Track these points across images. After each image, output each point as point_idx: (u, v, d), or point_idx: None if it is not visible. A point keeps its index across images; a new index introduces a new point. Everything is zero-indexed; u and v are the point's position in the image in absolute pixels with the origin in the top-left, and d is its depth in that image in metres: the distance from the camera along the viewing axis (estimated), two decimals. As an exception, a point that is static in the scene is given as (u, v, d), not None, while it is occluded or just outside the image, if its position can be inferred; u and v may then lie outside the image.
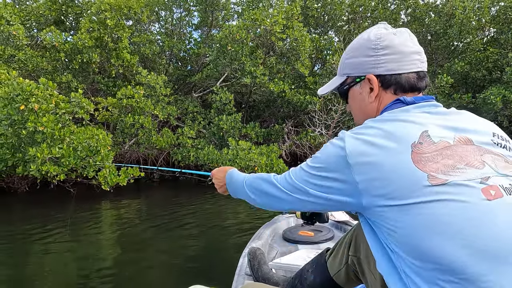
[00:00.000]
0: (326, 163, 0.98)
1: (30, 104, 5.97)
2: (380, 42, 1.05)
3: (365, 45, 1.08)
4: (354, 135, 0.96)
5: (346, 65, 1.15)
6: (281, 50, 10.27)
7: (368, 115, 1.11)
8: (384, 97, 1.08)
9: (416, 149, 0.89)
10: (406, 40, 1.06)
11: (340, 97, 1.23)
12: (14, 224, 6.10)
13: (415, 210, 0.84)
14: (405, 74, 1.05)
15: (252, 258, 2.09)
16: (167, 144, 9.29)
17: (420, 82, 1.06)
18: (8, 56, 8.78)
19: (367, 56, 1.07)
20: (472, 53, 11.10)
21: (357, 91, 1.14)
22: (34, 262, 4.31)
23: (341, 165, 0.93)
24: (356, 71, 1.11)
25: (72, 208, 7.05)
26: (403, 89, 1.05)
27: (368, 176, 0.89)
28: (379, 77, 1.07)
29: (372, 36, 1.07)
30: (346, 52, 1.15)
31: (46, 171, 6.06)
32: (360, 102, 1.14)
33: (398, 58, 1.04)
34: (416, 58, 1.06)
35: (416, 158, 0.87)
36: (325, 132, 10.40)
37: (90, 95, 9.82)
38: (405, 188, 0.85)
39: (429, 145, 0.90)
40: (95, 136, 6.57)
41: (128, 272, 3.97)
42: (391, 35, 1.05)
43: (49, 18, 10.49)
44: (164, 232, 5.57)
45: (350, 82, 1.14)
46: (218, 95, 9.86)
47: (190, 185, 10.21)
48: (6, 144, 6.32)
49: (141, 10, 9.95)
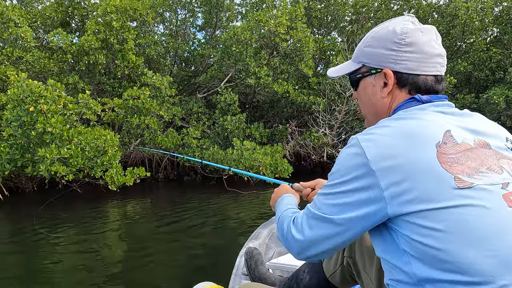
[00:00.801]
0: (346, 175, 0.90)
1: (39, 106, 6.08)
2: (406, 38, 0.99)
3: (389, 37, 1.01)
4: (371, 138, 0.90)
5: (363, 53, 1.08)
6: (284, 51, 10.35)
7: (377, 109, 1.08)
8: (397, 95, 1.03)
9: (441, 149, 0.85)
10: (431, 40, 1.00)
11: (350, 83, 1.16)
12: (22, 223, 6.21)
13: (443, 216, 0.80)
14: (423, 76, 1.00)
15: (248, 258, 2.09)
16: (172, 144, 9.38)
17: (438, 85, 1.02)
18: (16, 58, 8.90)
19: (388, 49, 1.01)
20: (475, 53, 11.14)
21: (369, 83, 1.08)
22: (44, 259, 4.41)
23: (364, 174, 0.86)
24: (374, 62, 1.05)
25: (80, 208, 7.16)
26: (419, 90, 1.00)
27: (394, 180, 0.83)
28: (396, 74, 1.01)
29: (398, 29, 1.00)
30: (367, 39, 1.07)
31: (55, 171, 6.17)
32: (371, 95, 1.08)
33: (420, 58, 0.99)
34: (438, 62, 1.01)
35: (442, 159, 0.84)
36: (328, 132, 10.47)
37: (96, 96, 9.92)
38: (433, 191, 0.81)
39: (453, 145, 0.87)
40: (102, 136, 6.67)
41: (133, 269, 4.06)
42: (418, 32, 0.99)
43: (55, 20, 10.62)
44: (169, 230, 5.65)
45: (365, 71, 1.08)
46: (222, 95, 9.94)
47: (195, 185, 10.30)
48: (15, 145, 6.43)
49: (146, 12, 10.06)
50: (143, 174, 7.52)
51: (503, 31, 11.06)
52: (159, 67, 11.48)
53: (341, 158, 0.95)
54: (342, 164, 0.93)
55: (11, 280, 3.81)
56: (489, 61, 10.88)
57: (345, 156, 0.93)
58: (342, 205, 0.91)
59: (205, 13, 11.52)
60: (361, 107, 1.15)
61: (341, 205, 0.91)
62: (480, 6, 10.61)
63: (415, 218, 0.82)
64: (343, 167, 0.92)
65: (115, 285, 3.69)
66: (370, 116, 1.11)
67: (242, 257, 2.24)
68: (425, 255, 0.82)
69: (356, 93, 1.14)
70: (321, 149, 10.85)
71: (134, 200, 8.05)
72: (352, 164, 0.90)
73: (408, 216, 0.83)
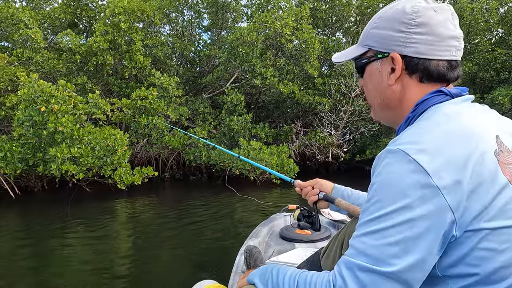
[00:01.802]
0: (403, 199, 0.73)
1: (50, 105, 6.19)
2: (416, 17, 0.87)
3: (397, 17, 0.90)
4: (423, 148, 0.75)
5: (369, 36, 0.96)
6: (290, 52, 10.43)
7: (384, 98, 0.97)
8: (408, 83, 0.92)
9: (500, 158, 0.76)
10: (446, 21, 0.88)
11: (356, 69, 1.05)
12: (34, 221, 6.32)
13: (503, 237, 0.73)
14: (435, 61, 0.89)
15: (248, 256, 2.08)
16: (179, 144, 9.48)
17: (451, 72, 0.90)
18: (26, 59, 9.04)
19: (397, 30, 0.90)
20: (480, 54, 11.17)
21: (376, 68, 0.96)
22: (55, 255, 4.51)
23: (427, 194, 0.72)
24: (380, 45, 0.94)
25: (89, 206, 7.27)
26: (430, 78, 0.90)
27: (462, 197, 0.72)
28: (404, 58, 0.90)
29: (408, 8, 0.89)
30: (374, 20, 0.97)
31: (65, 170, 6.28)
32: (377, 81, 0.97)
33: (432, 41, 0.87)
34: (453, 45, 0.89)
35: (504, 170, 0.76)
36: (334, 133, 10.54)
37: (104, 96, 10.04)
38: (499, 207, 0.73)
39: (508, 154, 0.78)
40: (112, 136, 6.78)
41: (137, 265, 4.16)
42: (430, 11, 0.88)
43: (64, 21, 10.76)
44: (175, 228, 5.74)
45: (371, 56, 0.97)
46: (229, 96, 10.04)
47: (201, 185, 10.39)
48: (27, 144, 6.55)
49: (154, 13, 10.17)
50: (151, 173, 7.62)
51: (508, 32, 11.10)
52: (165, 68, 11.60)
53: (386, 180, 0.77)
54: (391, 187, 0.75)
55: (24, 275, 3.91)
56: (494, 62, 10.91)
57: (394, 175, 0.76)
58: (407, 242, 0.72)
59: (211, 14, 11.62)
60: (367, 96, 1.04)
61: (405, 241, 0.72)
62: (485, 6, 10.65)
63: (479, 230, 0.73)
64: (394, 190, 0.74)
65: (119, 279, 3.79)
66: (376, 105, 1.01)
67: (242, 255, 2.22)
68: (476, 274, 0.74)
69: (362, 80, 1.04)
70: (326, 149, 10.92)
71: (141, 199, 8.16)
72: (408, 185, 0.73)
73: (472, 229, 0.73)
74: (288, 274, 0.92)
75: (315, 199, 1.54)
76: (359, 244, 0.77)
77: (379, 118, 1.05)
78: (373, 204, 0.77)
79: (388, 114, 1.00)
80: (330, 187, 1.54)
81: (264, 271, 1.01)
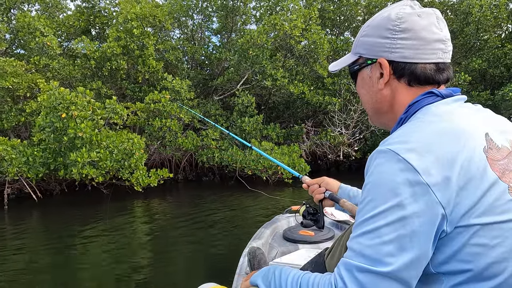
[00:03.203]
0: (394, 198, 0.75)
1: (71, 112, 6.42)
2: (400, 23, 0.91)
3: (383, 24, 0.93)
4: (412, 147, 0.78)
5: (359, 43, 1.01)
6: (299, 53, 10.56)
7: (375, 103, 1.01)
8: (397, 87, 0.95)
9: (489, 155, 0.78)
10: (430, 25, 0.91)
11: (350, 76, 1.09)
12: (57, 222, 6.55)
13: (494, 232, 0.74)
14: (422, 65, 0.91)
15: (252, 258, 2.06)
16: (192, 146, 9.67)
17: (439, 74, 0.92)
18: (43, 66, 9.31)
19: (382, 37, 0.93)
20: (489, 50, 11.16)
21: (366, 74, 1.00)
22: (75, 255, 4.72)
23: (417, 191, 0.74)
24: (368, 52, 0.98)
25: (108, 208, 7.49)
26: (418, 81, 0.92)
27: (451, 193, 0.74)
28: (391, 63, 0.93)
29: (393, 15, 0.92)
30: (363, 28, 1.01)
31: (86, 174, 6.50)
32: (368, 87, 1.01)
33: (417, 45, 0.90)
34: (439, 48, 0.91)
35: (494, 167, 0.77)
36: (344, 132, 10.64)
37: (118, 100, 10.28)
38: (489, 203, 0.75)
39: (497, 151, 0.80)
40: (129, 140, 6.99)
41: (150, 265, 4.36)
42: (414, 17, 0.91)
43: (78, 28, 11.04)
44: (188, 229, 5.91)
45: (361, 63, 1.01)
46: (240, 98, 10.20)
47: (213, 186, 10.57)
48: (48, 149, 6.79)
49: (165, 18, 10.38)
50: (166, 175, 7.83)
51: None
52: (176, 71, 11.81)
53: (377, 179, 0.79)
54: (382, 186, 0.77)
55: (42, 272, 4.12)
56: (504, 58, 10.90)
57: (384, 175, 0.78)
58: (401, 240, 0.74)
59: (221, 17, 11.79)
60: (362, 101, 1.08)
61: (395, 241, 0.74)
62: (494, 3, 10.65)
63: (470, 225, 0.74)
64: (385, 189, 0.77)
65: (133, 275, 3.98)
66: (370, 110, 1.05)
67: (245, 256, 2.20)
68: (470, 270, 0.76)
69: (357, 86, 1.07)
70: (337, 148, 11.03)
71: (157, 201, 8.36)
72: (398, 183, 0.75)
73: (463, 225, 0.75)
74: (291, 276, 0.94)
75: (321, 197, 1.55)
76: (356, 245, 0.79)
77: (374, 122, 1.08)
78: (367, 204, 0.79)
79: (381, 118, 1.03)
80: (337, 186, 1.55)
81: (267, 273, 1.03)
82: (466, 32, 11.13)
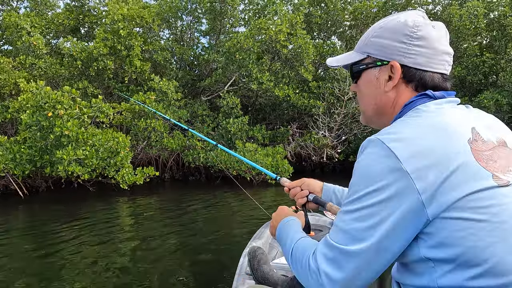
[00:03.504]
0: (375, 183, 0.81)
1: (57, 111, 6.54)
2: (417, 31, 0.94)
3: (400, 29, 0.96)
4: (398, 137, 0.83)
5: (370, 43, 1.02)
6: (285, 56, 10.80)
7: (379, 104, 1.03)
8: (403, 91, 0.98)
9: (473, 146, 0.82)
10: (442, 37, 0.97)
11: (350, 74, 1.09)
12: (42, 219, 6.66)
13: (480, 217, 0.77)
14: (430, 73, 0.96)
15: (252, 258, 2.06)
16: (178, 146, 9.83)
17: (444, 83, 0.97)
18: (29, 65, 9.37)
19: (398, 41, 0.96)
20: (468, 58, 11.57)
21: (373, 75, 1.02)
22: (63, 252, 4.85)
23: (397, 178, 0.79)
24: (381, 53, 0.99)
25: (93, 205, 7.61)
26: (425, 88, 0.96)
27: (431, 181, 0.77)
28: (403, 68, 0.96)
29: (410, 22, 0.95)
30: (374, 29, 1.02)
31: (72, 171, 6.63)
32: (374, 87, 1.02)
33: (430, 54, 0.94)
34: (446, 60, 0.97)
35: (477, 156, 0.81)
36: (328, 134, 10.92)
37: (105, 100, 10.37)
38: (472, 191, 0.77)
39: (482, 143, 0.84)
40: (115, 138, 7.13)
41: (137, 262, 4.50)
42: (429, 27, 0.95)
43: (67, 26, 11.10)
44: (174, 227, 6.05)
45: (369, 63, 1.02)
46: (225, 99, 10.39)
47: (199, 185, 10.73)
48: (34, 147, 6.89)
49: (153, 19, 10.51)
50: (152, 173, 7.98)
51: (494, 38, 11.51)
52: (165, 71, 11.94)
53: (363, 165, 0.86)
54: (366, 172, 0.84)
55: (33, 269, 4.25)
56: (483, 66, 11.32)
57: (369, 161, 0.84)
58: (374, 221, 0.80)
59: (210, 20, 11.97)
60: (361, 101, 1.09)
61: (373, 221, 0.80)
62: (474, 12, 11.05)
63: (454, 211, 0.77)
64: (369, 174, 0.83)
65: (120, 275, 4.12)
66: (370, 111, 1.06)
67: (246, 256, 2.20)
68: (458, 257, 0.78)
69: (356, 85, 1.09)
70: (321, 150, 11.30)
71: (143, 199, 8.49)
72: (381, 170, 0.81)
73: (447, 211, 0.77)
74: (289, 239, 1.08)
75: (304, 202, 1.49)
76: (337, 222, 0.87)
77: (371, 122, 1.10)
78: (352, 187, 0.86)
79: (381, 118, 1.05)
80: (319, 187, 1.52)
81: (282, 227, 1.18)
82: (446, 40, 11.50)
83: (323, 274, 0.85)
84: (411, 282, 0.86)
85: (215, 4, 11.06)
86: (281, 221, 1.21)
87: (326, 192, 1.50)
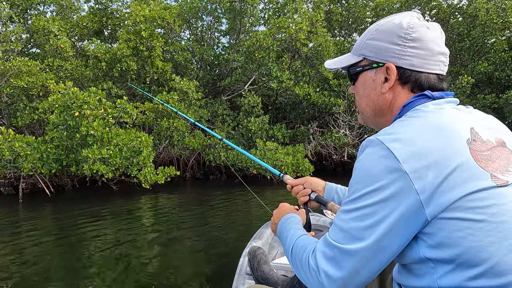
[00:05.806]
0: (374, 183, 0.81)
1: (83, 111, 6.72)
2: (412, 32, 0.95)
3: (394, 31, 0.97)
4: (396, 137, 0.83)
5: (366, 46, 1.03)
6: (306, 55, 10.74)
7: (376, 105, 1.03)
8: (399, 92, 0.99)
9: (472, 146, 0.82)
10: (437, 38, 0.97)
11: (348, 76, 1.11)
12: (68, 215, 6.86)
13: (479, 217, 0.76)
14: (426, 74, 0.96)
15: (252, 258, 2.06)
16: (199, 145, 9.93)
17: (440, 84, 0.98)
18: (56, 67, 9.67)
19: (393, 43, 0.97)
20: (496, 54, 11.19)
21: (369, 77, 1.03)
22: (87, 249, 4.99)
23: (396, 178, 0.79)
24: (376, 55, 1.00)
25: (116, 203, 7.78)
26: (421, 88, 0.97)
27: (430, 181, 0.77)
28: (399, 69, 0.97)
29: (404, 24, 0.96)
30: (370, 31, 1.03)
31: (96, 170, 6.80)
32: (370, 89, 1.03)
33: (425, 55, 0.95)
34: (441, 60, 0.98)
35: (476, 156, 0.80)
36: (349, 133, 10.79)
37: (128, 100, 10.58)
38: (472, 191, 0.77)
39: (481, 143, 0.83)
40: (138, 138, 7.27)
41: (155, 260, 4.58)
42: (424, 28, 0.96)
43: (91, 29, 11.40)
44: (194, 225, 6.13)
45: (365, 65, 1.03)
46: (246, 98, 10.42)
47: (219, 184, 10.81)
48: (61, 146, 7.11)
49: (174, 20, 10.66)
50: (173, 173, 8.09)
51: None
52: (186, 72, 12.09)
53: (363, 165, 0.86)
54: (366, 171, 0.84)
55: (57, 268, 4.39)
56: (511, 61, 10.91)
57: (368, 161, 0.84)
58: (373, 221, 0.80)
59: (229, 19, 12.03)
60: (358, 102, 1.10)
61: (371, 220, 0.80)
62: (501, 6, 10.67)
63: (453, 211, 0.77)
64: (368, 174, 0.83)
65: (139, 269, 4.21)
66: (368, 112, 1.07)
67: (246, 256, 2.21)
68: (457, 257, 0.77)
69: (353, 87, 1.10)
70: (342, 149, 11.18)
71: (164, 197, 8.62)
72: (380, 170, 0.81)
73: (446, 212, 0.77)
74: (290, 236, 1.08)
75: (306, 200, 1.50)
76: (336, 221, 0.87)
77: (370, 123, 1.11)
78: (351, 187, 0.86)
79: (379, 119, 1.06)
80: (322, 186, 1.53)
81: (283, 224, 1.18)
82: (472, 35, 11.17)
83: (322, 273, 0.85)
84: (412, 284, 0.86)
85: (235, 4, 11.11)
86: (282, 218, 1.22)
87: (328, 191, 1.51)
